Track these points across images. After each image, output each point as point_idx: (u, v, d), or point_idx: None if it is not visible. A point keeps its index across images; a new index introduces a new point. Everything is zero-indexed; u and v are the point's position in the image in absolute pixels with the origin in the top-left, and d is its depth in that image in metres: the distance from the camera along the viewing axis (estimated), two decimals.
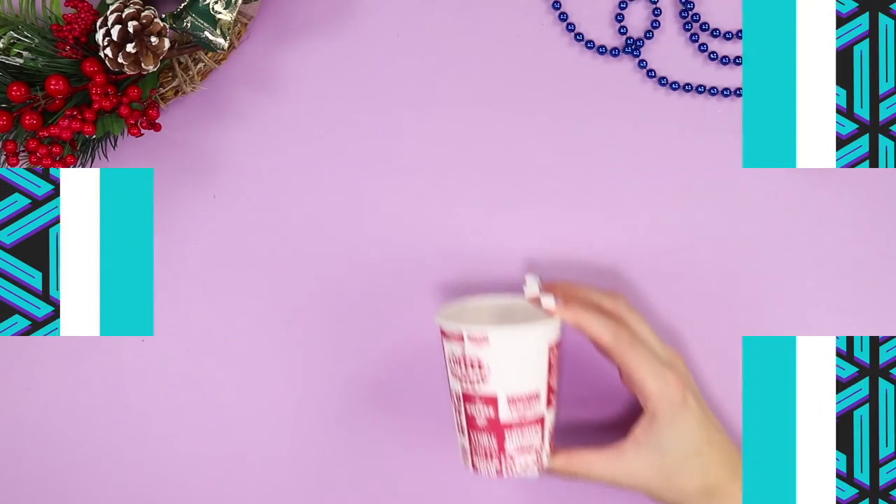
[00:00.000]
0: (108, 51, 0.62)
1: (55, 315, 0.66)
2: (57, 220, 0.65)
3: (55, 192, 0.65)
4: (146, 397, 0.74)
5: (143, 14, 0.62)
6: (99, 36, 0.62)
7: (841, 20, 0.64)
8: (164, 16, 0.65)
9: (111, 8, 0.62)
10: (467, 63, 0.72)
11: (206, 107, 0.73)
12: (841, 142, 0.65)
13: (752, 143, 0.65)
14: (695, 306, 0.72)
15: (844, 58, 0.64)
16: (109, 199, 0.66)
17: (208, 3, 0.63)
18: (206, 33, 0.64)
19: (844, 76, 0.64)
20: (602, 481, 0.65)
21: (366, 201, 0.73)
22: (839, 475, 0.65)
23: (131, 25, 0.61)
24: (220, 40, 0.64)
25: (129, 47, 0.61)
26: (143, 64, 0.62)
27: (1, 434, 0.74)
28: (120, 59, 0.62)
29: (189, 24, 0.64)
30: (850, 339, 0.65)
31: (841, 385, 0.65)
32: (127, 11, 0.62)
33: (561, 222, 0.72)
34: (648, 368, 0.63)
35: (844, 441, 0.65)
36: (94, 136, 0.65)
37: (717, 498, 0.64)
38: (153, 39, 0.62)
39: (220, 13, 0.64)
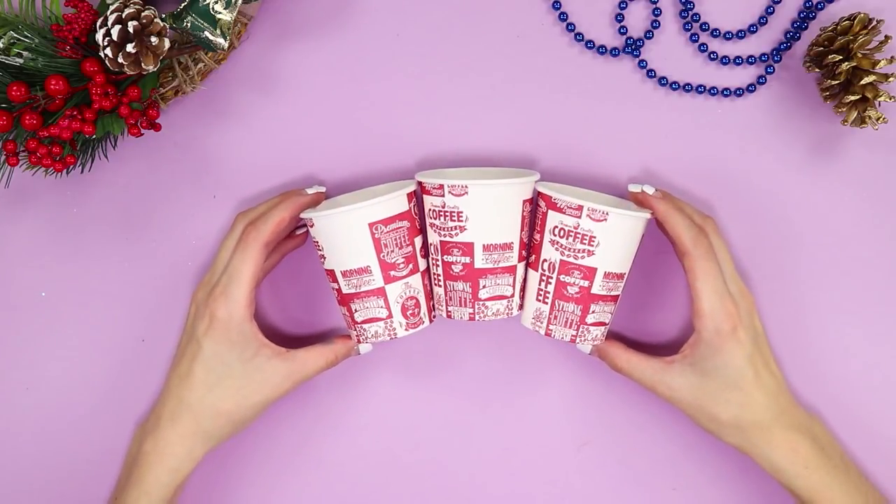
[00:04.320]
0: (108, 51, 0.62)
1: None
2: None
3: None
4: (146, 397, 0.74)
5: (143, 14, 0.62)
6: (99, 36, 0.62)
7: None
8: (164, 16, 0.65)
9: (111, 8, 0.62)
10: (467, 63, 0.72)
11: (206, 107, 0.73)
12: None
13: None
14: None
15: None
16: None
17: (208, 3, 0.63)
18: (206, 33, 0.64)
19: None
20: (644, 385, 0.67)
21: None
22: None
23: (131, 25, 0.61)
24: (220, 40, 0.64)
25: (129, 47, 0.61)
26: (143, 64, 0.62)
27: (1, 434, 0.74)
28: (120, 59, 0.62)
29: (189, 24, 0.64)
30: None
31: None
32: (127, 11, 0.62)
33: None
34: (710, 286, 0.64)
35: None
36: (94, 136, 0.65)
37: (750, 436, 0.65)
38: (153, 39, 0.62)
39: (220, 13, 0.64)
